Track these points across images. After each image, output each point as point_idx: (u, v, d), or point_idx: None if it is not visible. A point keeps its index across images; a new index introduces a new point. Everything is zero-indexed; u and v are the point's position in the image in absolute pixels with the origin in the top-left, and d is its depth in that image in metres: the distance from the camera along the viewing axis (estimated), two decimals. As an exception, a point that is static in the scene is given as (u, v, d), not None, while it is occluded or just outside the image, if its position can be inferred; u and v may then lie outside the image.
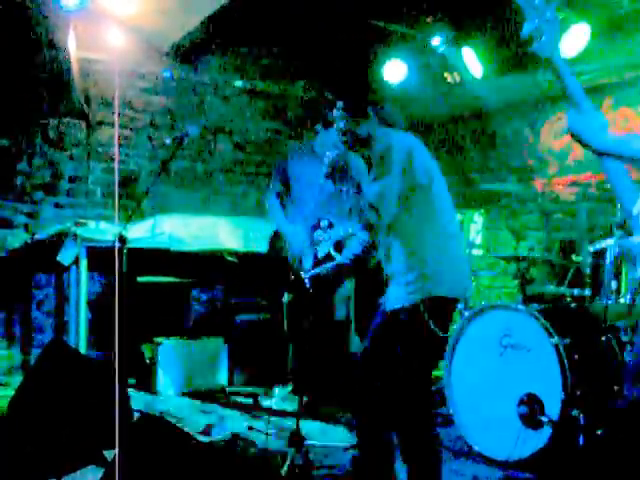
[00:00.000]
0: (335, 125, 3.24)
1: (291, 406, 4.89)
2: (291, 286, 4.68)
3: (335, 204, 4.39)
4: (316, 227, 4.12)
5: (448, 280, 2.95)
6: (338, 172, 4.17)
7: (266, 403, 5.09)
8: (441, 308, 2.93)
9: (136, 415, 3.72)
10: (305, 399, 4.51)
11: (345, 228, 4.03)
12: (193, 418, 4.66)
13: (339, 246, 4.15)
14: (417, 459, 2.94)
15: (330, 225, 4.20)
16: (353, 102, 3.21)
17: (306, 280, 4.00)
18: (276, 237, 4.89)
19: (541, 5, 2.11)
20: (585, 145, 2.15)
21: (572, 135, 2.16)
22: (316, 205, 4.23)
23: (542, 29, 2.11)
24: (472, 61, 5.96)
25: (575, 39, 5.27)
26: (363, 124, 3.12)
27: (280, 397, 5.16)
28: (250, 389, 5.39)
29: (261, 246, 5.20)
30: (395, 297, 2.96)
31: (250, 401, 5.14)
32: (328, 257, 3.84)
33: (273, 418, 4.50)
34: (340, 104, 3.18)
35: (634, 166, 2.22)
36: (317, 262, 4.13)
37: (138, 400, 4.83)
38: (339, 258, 3.96)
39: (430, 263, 2.93)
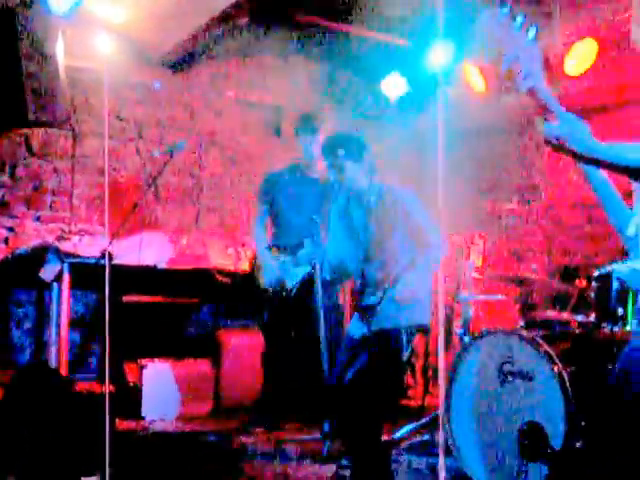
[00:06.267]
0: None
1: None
2: (270, 307, 4.88)
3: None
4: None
5: None
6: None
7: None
8: None
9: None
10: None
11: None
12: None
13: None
14: None
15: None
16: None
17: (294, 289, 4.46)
18: (255, 259, 5.01)
19: (518, 34, 2.05)
20: (569, 152, 2.08)
21: (551, 142, 2.09)
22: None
23: (521, 60, 2.06)
24: (474, 77, 6.02)
25: (579, 57, 5.33)
26: None
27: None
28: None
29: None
30: None
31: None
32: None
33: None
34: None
35: (630, 177, 2.20)
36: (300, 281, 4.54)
37: (122, 425, 4.82)
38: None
39: None
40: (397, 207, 3.85)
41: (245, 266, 5.30)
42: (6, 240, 5.77)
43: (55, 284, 5.00)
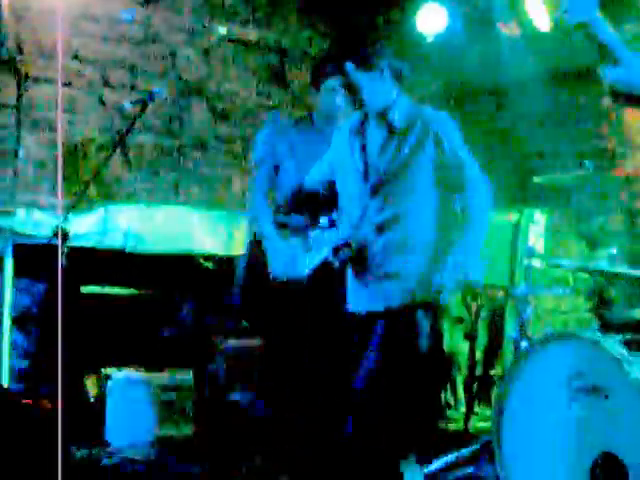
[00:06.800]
0: None
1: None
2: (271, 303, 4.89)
3: None
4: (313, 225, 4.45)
5: None
6: None
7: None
8: None
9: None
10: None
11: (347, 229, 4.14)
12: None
13: (337, 252, 4.29)
14: None
15: (332, 223, 4.26)
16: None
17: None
18: (255, 242, 4.98)
19: None
20: (638, 103, 2.08)
21: (615, 92, 2.08)
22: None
23: None
24: (537, 10, 5.95)
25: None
26: None
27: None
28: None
29: (248, 248, 5.21)
30: None
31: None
32: (324, 265, 4.19)
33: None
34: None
35: None
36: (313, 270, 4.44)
37: (79, 452, 4.90)
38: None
39: None
40: (428, 131, 3.75)
41: (238, 250, 5.28)
42: None
43: (-6, 271, 5.00)
